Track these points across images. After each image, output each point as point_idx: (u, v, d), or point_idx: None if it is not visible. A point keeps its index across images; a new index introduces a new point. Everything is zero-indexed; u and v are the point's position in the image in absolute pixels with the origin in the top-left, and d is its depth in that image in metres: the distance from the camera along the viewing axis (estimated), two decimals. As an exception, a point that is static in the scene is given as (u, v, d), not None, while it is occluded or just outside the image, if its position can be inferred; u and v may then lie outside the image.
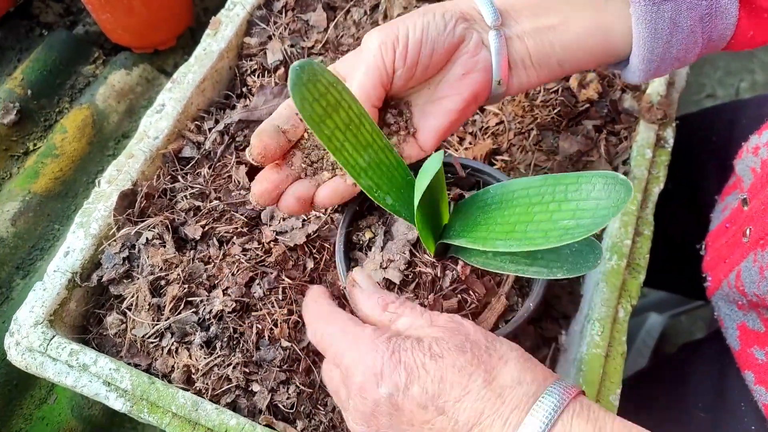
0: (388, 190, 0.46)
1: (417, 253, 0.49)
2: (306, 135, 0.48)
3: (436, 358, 0.37)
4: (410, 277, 0.49)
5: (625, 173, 0.62)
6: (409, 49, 0.46)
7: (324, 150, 0.47)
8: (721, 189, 0.68)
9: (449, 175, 0.53)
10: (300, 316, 0.53)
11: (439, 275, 0.48)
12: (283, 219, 0.58)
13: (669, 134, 0.64)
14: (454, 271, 0.48)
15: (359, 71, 0.46)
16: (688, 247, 0.69)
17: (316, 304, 0.45)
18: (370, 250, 0.50)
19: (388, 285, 0.48)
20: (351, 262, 0.50)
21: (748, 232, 0.55)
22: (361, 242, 0.51)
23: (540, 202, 0.43)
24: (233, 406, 0.51)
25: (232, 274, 0.55)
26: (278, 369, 0.52)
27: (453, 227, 0.48)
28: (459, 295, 0.48)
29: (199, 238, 0.57)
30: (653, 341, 1.19)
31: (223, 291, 0.54)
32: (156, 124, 0.61)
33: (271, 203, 0.48)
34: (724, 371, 0.64)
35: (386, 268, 0.48)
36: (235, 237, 0.57)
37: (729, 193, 0.64)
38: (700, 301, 1.12)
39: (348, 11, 0.68)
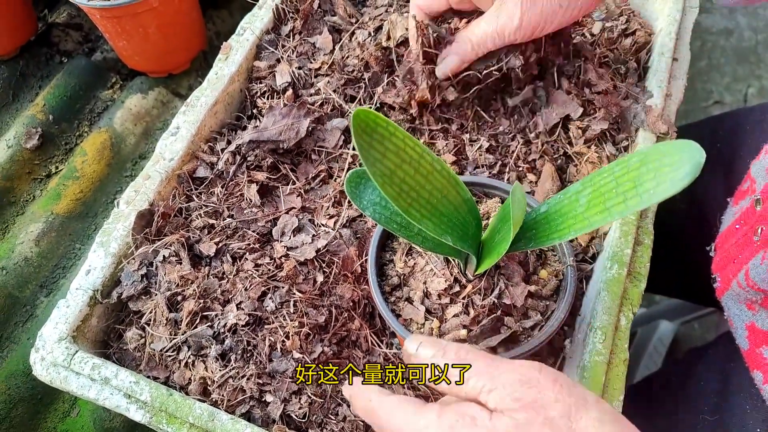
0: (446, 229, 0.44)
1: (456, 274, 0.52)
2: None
3: None
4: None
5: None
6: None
7: None
8: (730, 194, 0.68)
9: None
10: (311, 329, 0.55)
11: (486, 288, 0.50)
12: (294, 235, 0.61)
13: (668, 144, 0.65)
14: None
15: None
16: (696, 252, 0.70)
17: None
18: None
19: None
20: (385, 288, 0.53)
21: (759, 231, 0.55)
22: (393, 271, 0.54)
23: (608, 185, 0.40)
24: (248, 417, 0.53)
25: (245, 289, 0.57)
26: (290, 380, 0.53)
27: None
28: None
29: (213, 254, 0.59)
30: (665, 348, 1.20)
31: (236, 305, 0.56)
32: (171, 146, 0.63)
33: None
34: (728, 373, 0.64)
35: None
36: (247, 253, 0.59)
37: (743, 197, 0.65)
38: (711, 307, 1.12)
39: (353, 33, 0.70)
